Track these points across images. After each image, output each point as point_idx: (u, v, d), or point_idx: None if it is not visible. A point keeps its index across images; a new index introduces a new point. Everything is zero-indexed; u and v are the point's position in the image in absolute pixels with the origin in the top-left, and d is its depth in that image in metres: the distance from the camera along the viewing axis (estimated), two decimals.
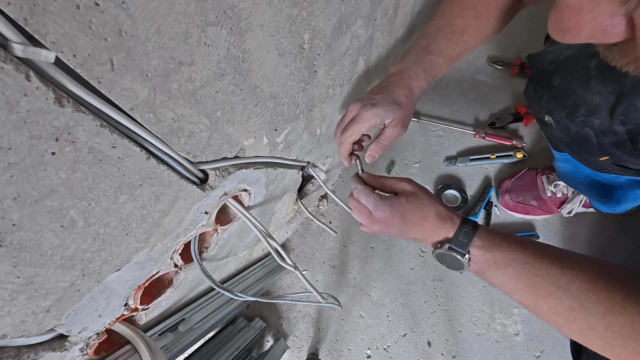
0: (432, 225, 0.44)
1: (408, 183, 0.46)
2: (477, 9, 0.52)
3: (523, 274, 0.40)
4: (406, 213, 0.44)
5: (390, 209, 0.45)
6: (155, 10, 0.24)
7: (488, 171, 0.96)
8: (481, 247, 0.42)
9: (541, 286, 0.39)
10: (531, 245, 0.41)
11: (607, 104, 0.38)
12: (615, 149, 0.41)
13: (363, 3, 0.47)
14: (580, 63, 0.39)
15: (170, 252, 0.45)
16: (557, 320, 0.39)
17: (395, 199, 0.45)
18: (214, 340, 0.80)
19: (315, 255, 1.02)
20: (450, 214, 0.45)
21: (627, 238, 0.83)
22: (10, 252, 0.26)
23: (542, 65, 0.43)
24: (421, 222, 0.44)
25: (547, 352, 0.80)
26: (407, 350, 0.88)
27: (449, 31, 0.52)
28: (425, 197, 0.45)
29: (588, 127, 0.41)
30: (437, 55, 0.52)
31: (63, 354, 0.39)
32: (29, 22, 0.19)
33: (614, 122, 0.38)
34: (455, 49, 0.52)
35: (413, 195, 0.45)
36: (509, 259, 0.41)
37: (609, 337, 0.35)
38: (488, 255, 0.42)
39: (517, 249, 0.41)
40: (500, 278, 0.42)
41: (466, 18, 0.52)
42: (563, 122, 0.44)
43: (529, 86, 0.48)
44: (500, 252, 0.41)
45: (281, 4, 0.34)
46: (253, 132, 0.44)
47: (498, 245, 0.42)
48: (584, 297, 0.36)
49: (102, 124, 0.26)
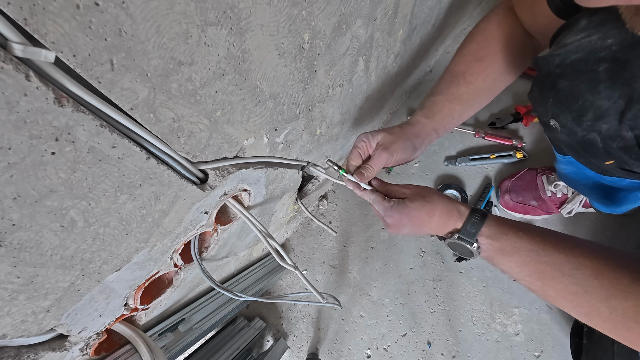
0: (440, 219, 0.47)
1: (411, 186, 0.50)
2: (477, 54, 0.55)
3: (529, 261, 0.41)
4: (412, 214, 0.47)
5: (398, 213, 0.48)
6: (155, 10, 0.24)
7: (488, 171, 0.96)
8: (489, 236, 0.44)
9: (547, 273, 0.40)
10: (539, 233, 0.43)
11: (616, 109, 0.37)
12: (622, 154, 0.41)
13: (363, 3, 0.47)
14: (589, 67, 0.38)
15: (170, 252, 0.45)
16: (564, 303, 0.40)
17: (400, 203, 0.48)
18: (214, 340, 0.80)
19: (315, 255, 1.02)
20: (457, 206, 0.47)
21: (627, 238, 0.83)
22: (10, 252, 0.26)
23: (548, 68, 0.43)
24: (428, 218, 0.47)
25: (547, 352, 0.80)
26: (407, 350, 0.88)
27: (450, 75, 0.56)
28: (428, 195, 0.48)
29: (595, 132, 0.41)
30: (435, 95, 0.56)
31: (63, 354, 0.39)
32: (28, 22, 0.19)
33: (622, 127, 0.37)
34: (458, 88, 0.55)
35: (416, 196, 0.48)
36: (516, 247, 0.42)
37: (614, 320, 0.36)
38: (495, 243, 0.44)
39: (524, 237, 0.42)
40: (508, 265, 0.43)
41: (466, 63, 0.55)
42: (569, 126, 0.43)
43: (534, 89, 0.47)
44: (507, 240, 0.43)
45: (281, 4, 0.34)
46: (253, 132, 0.44)
47: (505, 234, 0.43)
48: (587, 283, 0.37)
49: (102, 123, 0.26)
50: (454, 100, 0.55)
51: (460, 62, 0.56)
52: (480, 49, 0.55)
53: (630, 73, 0.34)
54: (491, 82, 0.56)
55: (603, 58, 0.36)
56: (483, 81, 0.55)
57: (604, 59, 0.36)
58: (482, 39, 0.55)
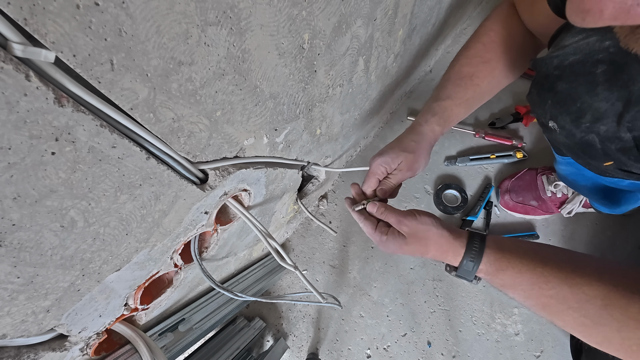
0: (435, 257, 0.47)
1: (406, 227, 0.46)
2: (484, 55, 0.54)
3: (532, 295, 0.40)
4: (406, 251, 0.47)
5: (391, 250, 0.47)
6: (155, 10, 0.24)
7: (488, 171, 0.96)
8: (487, 273, 0.43)
9: (552, 306, 0.39)
10: (541, 263, 0.41)
11: (614, 111, 0.37)
12: (621, 155, 0.40)
13: (363, 3, 0.47)
14: (587, 69, 0.38)
15: (170, 252, 0.45)
16: (574, 333, 0.39)
17: (394, 240, 0.47)
18: (214, 340, 0.80)
19: (315, 255, 1.02)
20: (452, 244, 0.45)
21: (627, 238, 0.83)
22: (10, 252, 0.26)
23: (547, 70, 0.43)
24: (423, 254, 0.47)
25: (547, 352, 0.80)
26: (407, 350, 0.88)
27: (457, 78, 0.55)
28: (423, 237, 0.46)
29: (593, 133, 0.41)
30: (445, 99, 0.55)
31: (63, 354, 0.39)
32: (28, 22, 0.19)
33: (620, 129, 0.37)
34: (465, 92, 0.55)
35: (412, 238, 0.46)
36: (516, 283, 0.41)
37: (627, 349, 0.35)
38: (495, 280, 0.43)
39: (524, 272, 0.41)
40: (511, 296, 0.43)
41: (474, 65, 0.55)
42: (567, 128, 0.43)
43: (533, 90, 0.47)
44: (506, 276, 0.42)
45: (281, 4, 0.34)
46: (253, 132, 0.44)
47: (503, 270, 0.42)
48: (597, 315, 0.36)
49: (102, 123, 0.26)
50: (462, 104, 0.55)
51: (467, 64, 0.55)
52: (487, 51, 0.54)
53: (628, 75, 0.34)
54: (496, 84, 0.56)
55: (601, 60, 0.36)
56: (489, 83, 0.55)
57: (602, 61, 0.36)
58: (488, 41, 0.55)
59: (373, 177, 0.52)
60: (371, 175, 0.52)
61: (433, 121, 0.55)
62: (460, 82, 0.55)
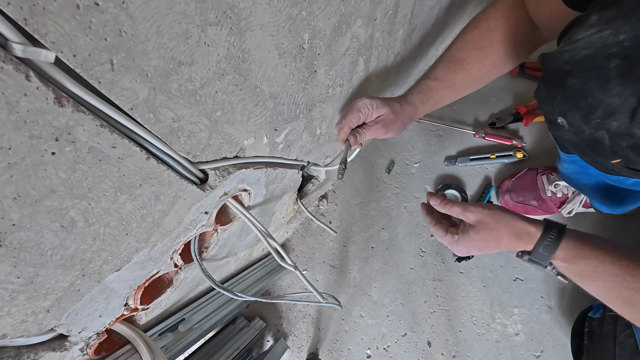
0: (509, 244, 0.45)
1: (472, 213, 0.47)
2: (478, 42, 0.54)
3: (614, 287, 0.38)
4: (479, 244, 0.46)
5: (465, 247, 0.47)
6: (155, 10, 0.24)
7: (488, 171, 0.96)
8: (564, 260, 0.41)
9: (635, 299, 0.37)
10: (625, 256, 0.39)
11: (627, 107, 0.36)
12: (630, 152, 0.40)
13: (363, 3, 0.47)
14: (599, 64, 0.37)
15: (170, 252, 0.45)
16: None
17: (465, 235, 0.47)
18: (214, 340, 0.80)
19: (315, 255, 1.02)
20: (527, 227, 0.44)
21: (627, 238, 0.83)
22: (10, 252, 0.26)
23: (556, 65, 0.42)
24: (496, 245, 0.45)
25: (547, 352, 0.80)
26: (407, 350, 0.88)
27: (447, 60, 0.56)
28: (494, 223, 0.45)
29: (603, 130, 0.40)
30: (432, 79, 0.56)
31: (63, 354, 0.39)
32: (28, 22, 0.19)
33: (633, 125, 0.37)
34: (454, 76, 0.55)
35: (481, 225, 0.46)
36: (597, 272, 0.39)
37: None
38: (573, 267, 0.41)
39: (606, 261, 0.39)
40: (589, 288, 0.41)
41: (467, 50, 0.55)
42: (577, 124, 0.42)
43: (541, 86, 0.47)
44: (586, 264, 0.40)
45: (281, 4, 0.34)
46: (253, 132, 0.44)
47: (584, 258, 0.40)
48: None
49: (102, 124, 0.26)
50: (448, 87, 0.55)
51: (460, 48, 0.55)
52: (482, 38, 0.54)
53: None
54: (486, 72, 0.56)
55: (614, 54, 0.35)
56: (479, 71, 0.55)
57: (616, 55, 0.35)
58: (485, 27, 0.54)
59: (356, 113, 0.52)
60: (354, 110, 0.52)
61: (417, 98, 0.56)
62: (450, 65, 0.55)
